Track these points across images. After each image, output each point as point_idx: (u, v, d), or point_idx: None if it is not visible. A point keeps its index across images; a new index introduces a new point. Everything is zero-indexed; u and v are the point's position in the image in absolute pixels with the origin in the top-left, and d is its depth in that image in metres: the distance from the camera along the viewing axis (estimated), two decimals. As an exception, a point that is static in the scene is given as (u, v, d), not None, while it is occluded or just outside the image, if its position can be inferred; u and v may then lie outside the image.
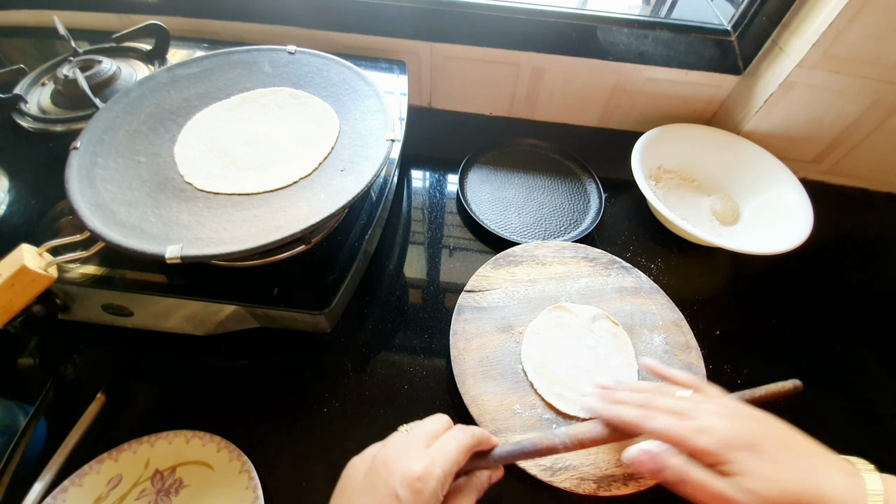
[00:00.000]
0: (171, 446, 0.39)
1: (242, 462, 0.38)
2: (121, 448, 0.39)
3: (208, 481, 0.38)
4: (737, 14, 0.64)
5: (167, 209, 0.38)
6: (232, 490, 0.38)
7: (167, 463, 0.39)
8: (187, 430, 0.40)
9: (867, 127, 0.62)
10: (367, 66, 0.60)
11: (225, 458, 0.39)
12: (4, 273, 0.33)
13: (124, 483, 0.38)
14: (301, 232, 0.34)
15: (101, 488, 0.37)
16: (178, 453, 0.39)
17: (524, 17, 0.64)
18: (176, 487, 0.38)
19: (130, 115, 0.44)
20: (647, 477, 0.29)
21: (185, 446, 0.39)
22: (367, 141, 0.43)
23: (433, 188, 0.64)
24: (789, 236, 0.52)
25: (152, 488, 0.38)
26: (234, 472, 0.38)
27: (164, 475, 0.39)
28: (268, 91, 0.48)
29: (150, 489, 0.38)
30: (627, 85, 0.68)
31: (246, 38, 0.66)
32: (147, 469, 0.39)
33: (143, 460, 0.39)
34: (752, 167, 0.62)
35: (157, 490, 0.38)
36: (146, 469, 0.39)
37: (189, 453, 0.39)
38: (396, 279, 0.54)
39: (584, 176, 0.66)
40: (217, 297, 0.40)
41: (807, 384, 0.49)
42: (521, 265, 0.51)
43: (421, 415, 0.43)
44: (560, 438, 0.32)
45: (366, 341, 0.48)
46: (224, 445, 0.39)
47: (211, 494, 0.38)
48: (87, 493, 0.37)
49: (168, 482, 0.39)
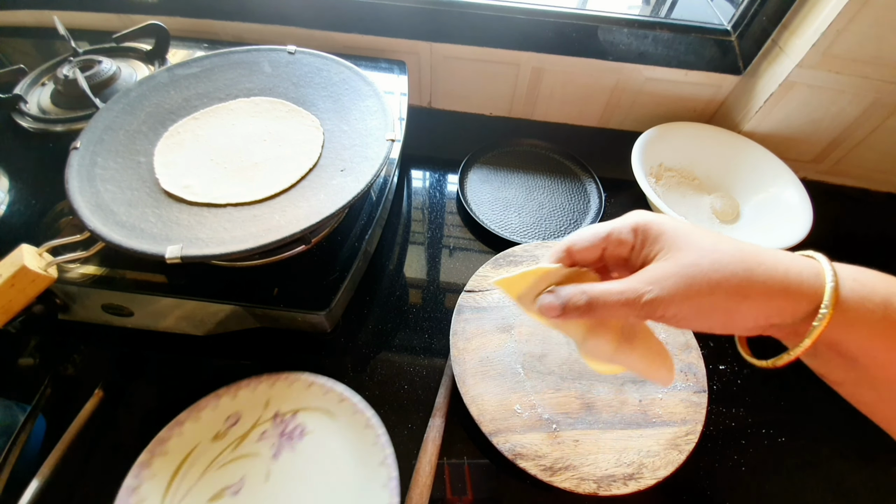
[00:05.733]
0: (290, 389, 0.38)
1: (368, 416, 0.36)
2: (239, 384, 0.38)
3: (331, 431, 0.36)
4: (737, 14, 0.64)
5: (167, 209, 0.38)
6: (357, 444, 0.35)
7: (288, 406, 0.37)
8: (307, 373, 0.38)
9: (867, 127, 0.62)
10: (367, 66, 0.60)
11: (348, 409, 0.37)
12: (4, 273, 0.33)
13: (243, 422, 0.37)
14: (301, 232, 0.34)
15: (218, 425, 0.36)
16: (299, 397, 0.38)
17: (524, 17, 0.64)
18: (300, 432, 0.36)
19: (130, 115, 0.44)
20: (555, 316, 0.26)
21: (306, 391, 0.38)
22: (367, 141, 0.43)
23: (433, 188, 0.64)
24: (789, 234, 0.52)
25: (274, 430, 0.36)
26: (359, 426, 0.36)
27: (286, 418, 0.37)
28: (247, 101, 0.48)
29: (272, 431, 0.36)
30: (627, 85, 0.68)
31: (246, 38, 0.66)
32: (267, 410, 0.37)
33: (262, 400, 0.38)
34: (753, 166, 0.62)
35: (279, 433, 0.36)
36: (266, 409, 0.37)
37: (310, 399, 0.37)
38: (396, 279, 0.54)
39: (584, 176, 0.66)
40: (217, 297, 0.40)
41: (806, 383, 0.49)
42: (521, 265, 0.51)
43: (421, 415, 0.43)
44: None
45: (366, 341, 0.48)
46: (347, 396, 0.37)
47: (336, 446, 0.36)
48: (205, 427, 0.36)
49: (290, 426, 0.37)
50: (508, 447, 0.38)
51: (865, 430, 0.47)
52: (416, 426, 0.42)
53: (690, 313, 0.23)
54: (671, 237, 0.24)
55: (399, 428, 0.42)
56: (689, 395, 0.43)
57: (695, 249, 0.23)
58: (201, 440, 0.36)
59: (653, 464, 0.39)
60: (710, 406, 0.43)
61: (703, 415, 0.42)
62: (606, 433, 0.40)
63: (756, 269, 0.22)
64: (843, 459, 0.44)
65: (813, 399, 0.48)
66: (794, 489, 0.42)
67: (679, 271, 0.23)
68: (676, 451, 0.39)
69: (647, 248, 0.25)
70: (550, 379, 0.43)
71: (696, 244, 0.24)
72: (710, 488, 0.41)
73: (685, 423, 0.41)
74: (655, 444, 0.40)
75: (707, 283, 0.22)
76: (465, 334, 0.45)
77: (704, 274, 0.22)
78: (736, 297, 0.22)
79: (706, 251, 0.23)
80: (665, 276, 0.23)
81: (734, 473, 0.42)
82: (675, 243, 0.24)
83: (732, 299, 0.22)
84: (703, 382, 0.44)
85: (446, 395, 0.43)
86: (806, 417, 0.47)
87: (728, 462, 0.43)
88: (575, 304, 0.25)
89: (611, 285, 0.25)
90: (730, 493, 0.41)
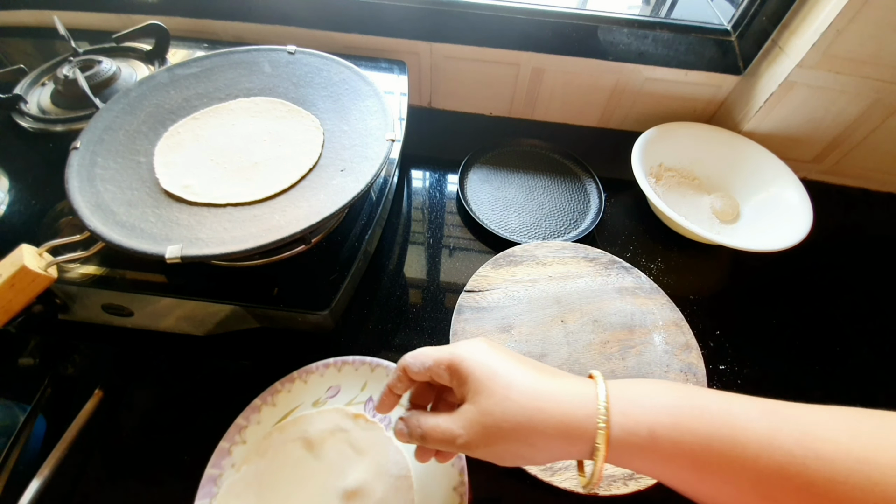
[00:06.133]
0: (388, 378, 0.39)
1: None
2: (344, 359, 0.40)
3: None
4: (737, 14, 0.64)
5: (167, 209, 0.38)
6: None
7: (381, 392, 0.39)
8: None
9: (867, 127, 0.62)
10: (367, 66, 0.60)
11: None
12: (4, 273, 0.33)
13: (341, 395, 0.39)
14: (301, 232, 0.34)
15: (320, 392, 0.39)
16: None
17: (524, 17, 0.64)
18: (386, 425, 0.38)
19: (130, 115, 0.44)
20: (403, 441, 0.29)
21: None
22: (367, 141, 0.43)
23: (433, 188, 0.64)
24: (789, 234, 0.52)
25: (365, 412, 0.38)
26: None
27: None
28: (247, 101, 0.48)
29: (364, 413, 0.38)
30: (627, 85, 0.68)
31: (246, 38, 0.66)
32: (363, 392, 0.39)
33: (361, 381, 0.40)
34: (753, 166, 0.62)
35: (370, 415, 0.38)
36: (363, 392, 0.39)
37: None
38: (396, 279, 0.54)
39: (584, 176, 0.66)
40: (217, 297, 0.40)
41: (807, 383, 0.49)
42: (521, 265, 0.51)
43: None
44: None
45: (366, 341, 0.48)
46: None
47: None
48: (309, 391, 0.39)
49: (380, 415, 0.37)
50: (508, 447, 0.38)
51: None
52: (416, 426, 0.42)
53: (494, 456, 0.26)
54: (475, 381, 0.26)
55: (399, 428, 0.42)
56: (689, 395, 0.43)
57: (491, 396, 0.25)
58: (304, 401, 0.39)
59: (653, 464, 0.39)
60: (710, 406, 0.43)
61: (703, 415, 0.42)
62: (606, 433, 0.40)
63: (536, 418, 0.25)
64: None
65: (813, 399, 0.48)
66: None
67: (479, 419, 0.25)
68: (676, 451, 0.39)
69: (462, 388, 0.27)
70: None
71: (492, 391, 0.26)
72: (710, 488, 0.41)
73: (685, 423, 0.41)
74: None
75: (499, 431, 0.25)
76: (465, 334, 0.45)
77: (496, 423, 0.25)
78: (524, 444, 0.25)
79: (498, 399, 0.25)
80: (471, 422, 0.26)
81: (734, 473, 0.42)
82: (478, 388, 0.26)
83: (522, 446, 0.25)
84: (703, 382, 0.44)
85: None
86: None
87: (728, 462, 0.43)
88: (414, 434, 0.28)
89: (437, 422, 0.27)
90: (730, 493, 0.41)
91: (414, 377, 0.30)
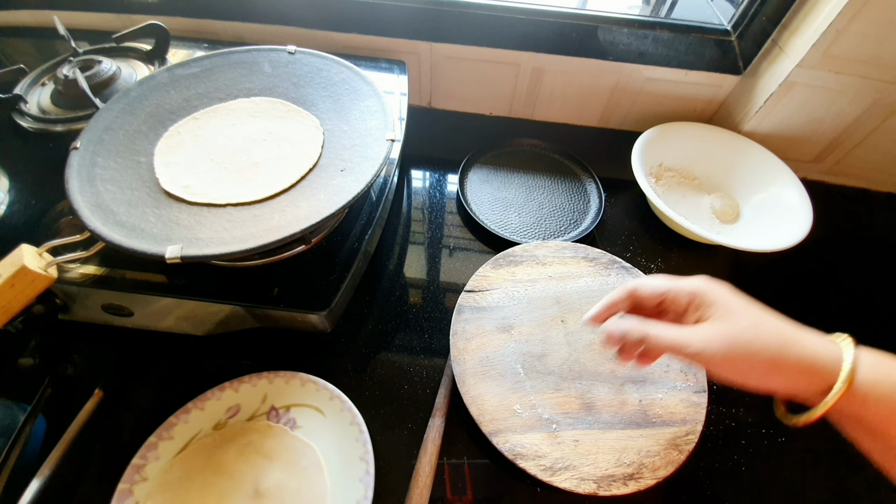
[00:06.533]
0: (287, 386, 0.41)
1: (353, 414, 0.40)
2: (241, 379, 0.41)
3: (320, 426, 0.40)
4: (737, 14, 0.64)
5: (167, 209, 0.38)
6: (342, 438, 0.39)
7: (283, 401, 0.41)
8: (303, 373, 0.42)
9: (867, 127, 0.62)
10: (367, 66, 0.60)
11: (337, 407, 0.40)
12: (4, 273, 0.33)
13: (242, 414, 0.40)
14: (301, 232, 0.34)
15: (220, 415, 0.40)
16: (295, 394, 0.41)
17: (524, 17, 0.64)
18: (290, 426, 0.40)
19: (130, 115, 0.44)
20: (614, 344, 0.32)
21: (300, 388, 0.41)
22: (367, 141, 0.43)
23: (433, 188, 0.64)
24: (789, 234, 0.52)
25: (268, 422, 0.40)
26: (344, 422, 0.40)
27: (280, 412, 0.41)
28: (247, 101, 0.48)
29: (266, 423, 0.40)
30: (627, 85, 0.68)
31: (246, 38, 0.66)
32: (264, 404, 0.41)
33: (261, 394, 0.41)
34: (753, 166, 0.62)
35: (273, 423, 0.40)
36: (263, 404, 0.41)
37: (304, 396, 0.41)
38: (396, 279, 0.54)
39: (584, 176, 0.66)
40: (217, 297, 0.40)
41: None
42: (521, 265, 0.51)
43: (421, 415, 0.43)
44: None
45: (366, 341, 0.48)
46: (336, 395, 0.41)
47: (323, 440, 0.39)
48: (208, 417, 0.39)
49: (283, 419, 0.40)
50: (508, 447, 0.38)
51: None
52: (416, 426, 0.42)
53: (726, 371, 0.29)
54: (725, 305, 0.30)
55: (399, 428, 0.42)
56: (689, 395, 0.43)
57: (744, 320, 0.29)
58: (203, 427, 0.39)
59: (653, 464, 0.39)
60: (710, 406, 0.43)
61: (703, 415, 0.42)
62: (606, 433, 0.40)
63: (790, 349, 0.27)
64: (843, 459, 0.44)
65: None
66: (794, 489, 0.42)
67: (724, 337, 0.28)
68: (676, 451, 0.39)
69: (701, 311, 0.31)
70: (550, 379, 0.43)
71: (743, 316, 0.29)
72: (710, 488, 0.41)
73: (685, 423, 0.41)
74: (655, 444, 0.40)
75: (746, 351, 0.28)
76: (465, 334, 0.45)
77: (747, 342, 0.28)
78: (769, 367, 0.27)
79: (751, 324, 0.29)
80: (712, 337, 0.29)
81: (734, 473, 0.42)
82: (728, 312, 0.29)
83: (765, 368, 0.28)
84: (703, 382, 0.44)
85: (446, 395, 0.43)
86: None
87: (728, 462, 0.43)
88: (631, 338, 0.31)
89: (665, 329, 0.30)
90: (730, 493, 0.41)
91: (643, 299, 0.33)
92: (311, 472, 0.38)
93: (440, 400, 0.43)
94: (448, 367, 0.46)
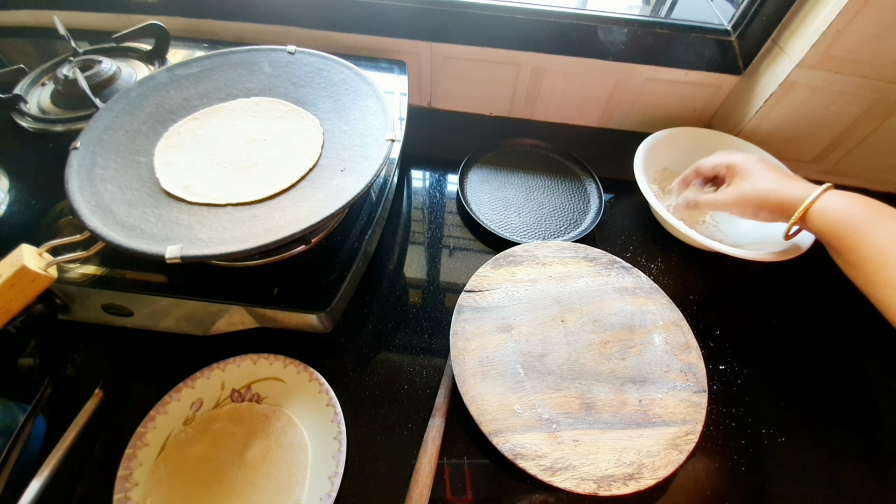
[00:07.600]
0: (240, 369, 0.43)
1: (310, 373, 0.42)
2: (194, 376, 0.42)
3: (283, 392, 0.42)
4: (737, 14, 0.64)
5: (167, 209, 0.38)
6: (306, 395, 0.42)
7: (241, 382, 0.43)
8: (252, 354, 0.43)
9: (867, 127, 0.62)
10: (367, 66, 0.60)
11: (293, 371, 0.43)
12: (4, 273, 0.33)
13: (206, 405, 0.42)
14: (301, 232, 0.34)
15: (185, 412, 0.41)
16: (250, 373, 0.43)
17: (524, 17, 0.64)
18: (256, 399, 0.42)
19: (130, 115, 0.44)
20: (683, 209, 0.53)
21: (254, 367, 0.43)
22: (367, 141, 0.43)
23: (433, 188, 0.64)
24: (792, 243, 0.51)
25: (234, 404, 0.42)
26: (304, 381, 0.42)
27: (242, 392, 0.42)
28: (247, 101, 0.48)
29: (233, 404, 0.42)
30: (627, 85, 0.68)
31: (246, 38, 0.66)
32: (224, 390, 0.42)
33: (217, 384, 0.42)
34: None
35: (239, 403, 0.42)
36: (223, 391, 0.42)
37: (259, 372, 0.43)
38: (396, 279, 0.54)
39: (584, 176, 0.66)
40: (217, 297, 0.40)
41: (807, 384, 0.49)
42: (521, 265, 0.51)
43: (421, 415, 0.43)
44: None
45: (366, 341, 0.48)
46: (290, 362, 0.43)
47: (289, 401, 0.42)
48: (174, 418, 0.40)
49: (247, 397, 0.42)
50: (508, 447, 0.38)
51: (866, 431, 0.47)
52: (416, 426, 0.42)
53: (736, 212, 0.48)
54: (741, 173, 0.48)
55: (399, 428, 0.42)
56: (689, 395, 0.43)
57: (748, 182, 0.47)
58: (174, 426, 0.40)
59: (653, 464, 0.39)
60: (710, 406, 0.43)
61: (703, 415, 0.42)
62: (606, 433, 0.40)
63: (773, 195, 0.45)
64: (843, 459, 0.44)
65: (813, 399, 0.48)
66: (794, 489, 0.42)
67: (735, 193, 0.47)
68: (676, 451, 0.39)
69: (731, 177, 0.49)
70: (550, 379, 0.43)
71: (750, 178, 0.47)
72: (710, 488, 0.42)
73: (685, 423, 0.41)
74: (655, 444, 0.40)
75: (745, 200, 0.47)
76: (465, 334, 0.45)
77: (745, 195, 0.47)
78: (757, 207, 0.46)
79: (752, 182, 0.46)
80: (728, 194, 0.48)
81: (734, 473, 0.42)
82: (742, 178, 0.48)
83: (755, 208, 0.46)
84: (703, 382, 0.44)
85: (446, 395, 0.43)
86: (806, 417, 0.47)
87: (728, 462, 0.43)
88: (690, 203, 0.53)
89: (708, 195, 0.51)
90: (730, 493, 0.41)
91: (704, 172, 0.53)
92: (287, 431, 0.41)
93: (440, 400, 0.43)
94: (448, 367, 0.46)
